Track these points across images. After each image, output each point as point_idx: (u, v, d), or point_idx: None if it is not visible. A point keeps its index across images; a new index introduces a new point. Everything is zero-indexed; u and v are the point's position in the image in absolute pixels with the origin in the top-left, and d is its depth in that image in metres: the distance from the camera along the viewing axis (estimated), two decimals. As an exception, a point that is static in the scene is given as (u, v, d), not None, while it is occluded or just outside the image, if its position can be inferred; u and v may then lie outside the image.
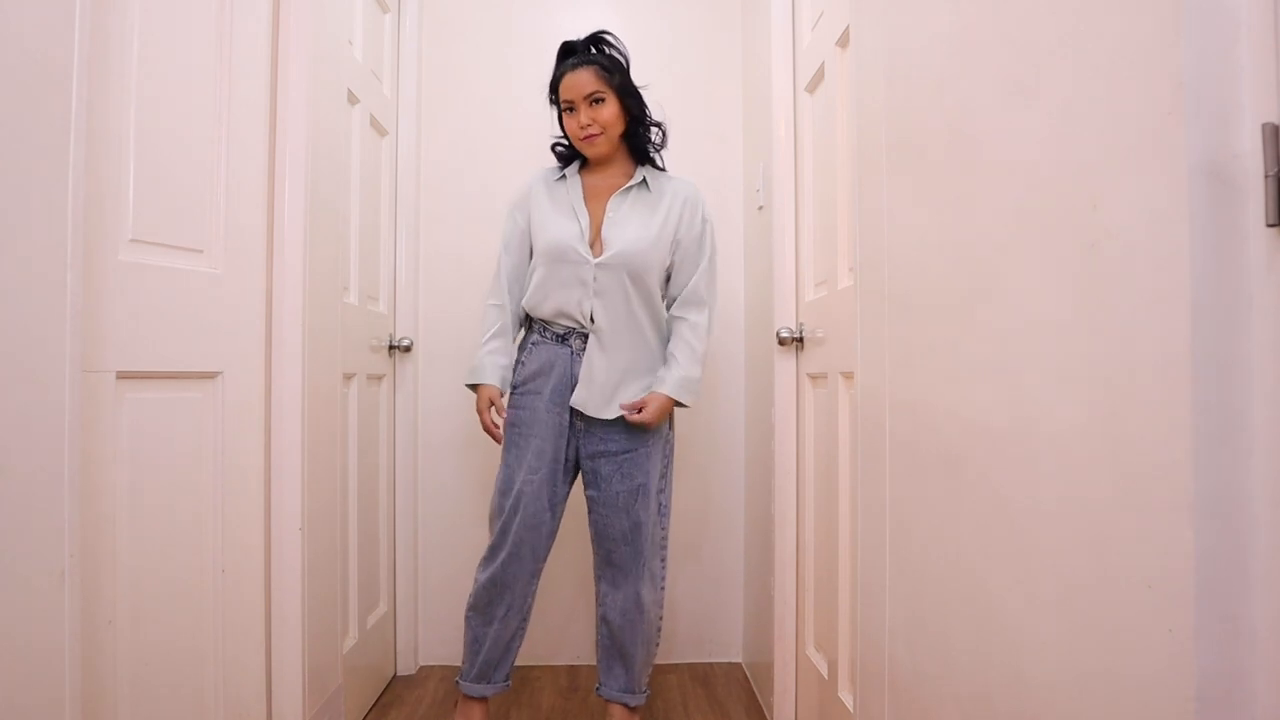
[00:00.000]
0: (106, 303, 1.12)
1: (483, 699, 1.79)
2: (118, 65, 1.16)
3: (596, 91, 1.71)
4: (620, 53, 1.80)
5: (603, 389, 1.72)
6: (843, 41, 1.55)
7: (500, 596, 1.74)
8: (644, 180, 1.79)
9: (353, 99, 1.92)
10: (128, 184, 1.18)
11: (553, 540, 1.77)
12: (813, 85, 1.80)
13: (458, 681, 1.80)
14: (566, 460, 1.76)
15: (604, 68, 1.74)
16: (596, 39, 1.80)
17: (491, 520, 1.77)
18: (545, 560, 1.77)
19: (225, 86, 1.38)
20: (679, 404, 1.76)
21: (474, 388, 1.79)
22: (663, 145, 1.86)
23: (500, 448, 1.81)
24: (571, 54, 1.79)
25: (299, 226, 1.55)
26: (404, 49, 2.33)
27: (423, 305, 2.42)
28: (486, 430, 1.77)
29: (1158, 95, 0.62)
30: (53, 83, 0.97)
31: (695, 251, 1.79)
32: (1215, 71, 0.59)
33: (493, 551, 1.74)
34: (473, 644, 1.78)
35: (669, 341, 1.80)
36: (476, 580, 1.76)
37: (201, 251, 1.33)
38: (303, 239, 1.56)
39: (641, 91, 1.79)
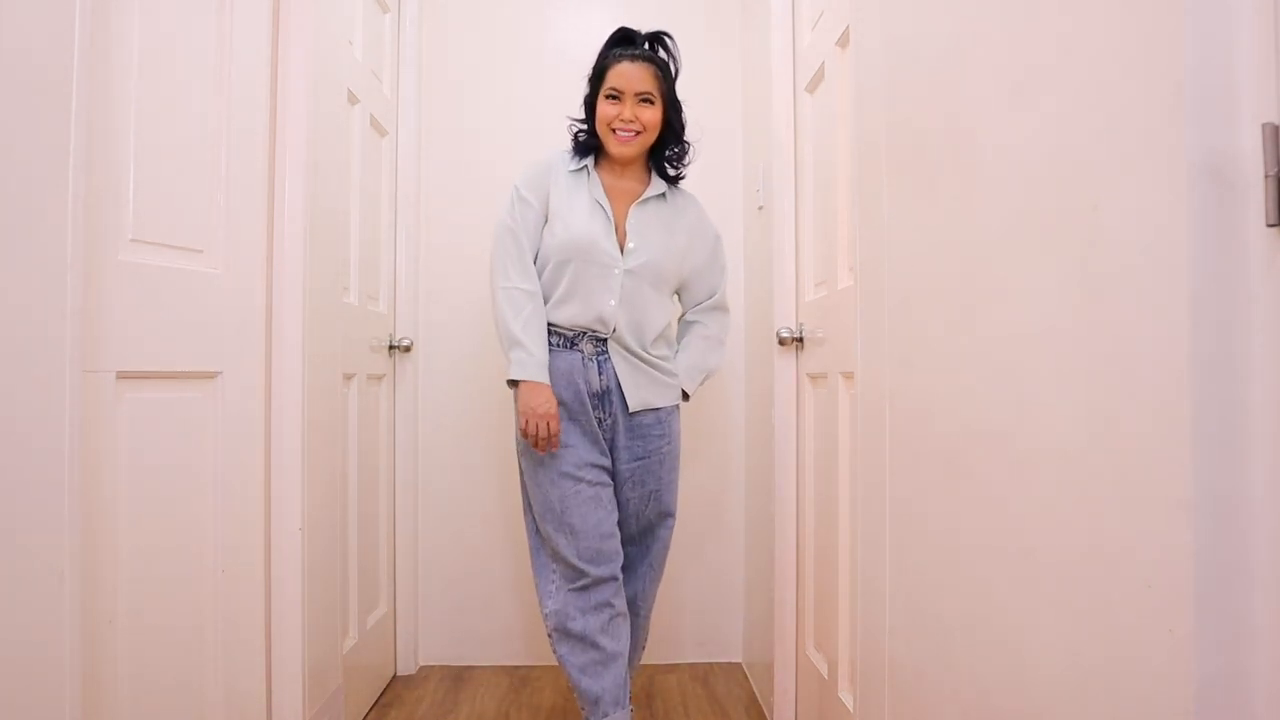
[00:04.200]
0: (106, 302, 1.12)
1: None
2: (118, 65, 1.15)
3: (649, 92, 1.66)
4: (676, 61, 1.74)
5: (639, 387, 1.69)
6: (843, 41, 1.55)
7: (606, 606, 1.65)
8: (663, 194, 1.76)
9: (353, 99, 1.92)
10: (128, 184, 1.18)
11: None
12: (813, 85, 1.80)
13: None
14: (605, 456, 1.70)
15: (662, 71, 1.69)
16: (659, 37, 1.73)
17: (552, 541, 1.65)
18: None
19: (225, 86, 1.38)
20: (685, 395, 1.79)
21: (515, 383, 1.63)
22: (683, 166, 1.80)
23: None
24: (628, 42, 1.72)
25: (299, 226, 1.55)
26: (404, 49, 2.33)
27: (423, 305, 2.42)
28: (539, 437, 1.59)
29: (1158, 95, 0.62)
30: (52, 83, 0.97)
31: (712, 264, 1.81)
32: (1215, 71, 0.59)
33: (574, 571, 1.63)
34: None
35: (681, 339, 1.83)
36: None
37: (201, 251, 1.33)
38: (303, 239, 1.56)
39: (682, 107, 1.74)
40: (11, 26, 0.91)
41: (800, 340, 1.87)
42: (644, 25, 2.45)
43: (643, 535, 1.79)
